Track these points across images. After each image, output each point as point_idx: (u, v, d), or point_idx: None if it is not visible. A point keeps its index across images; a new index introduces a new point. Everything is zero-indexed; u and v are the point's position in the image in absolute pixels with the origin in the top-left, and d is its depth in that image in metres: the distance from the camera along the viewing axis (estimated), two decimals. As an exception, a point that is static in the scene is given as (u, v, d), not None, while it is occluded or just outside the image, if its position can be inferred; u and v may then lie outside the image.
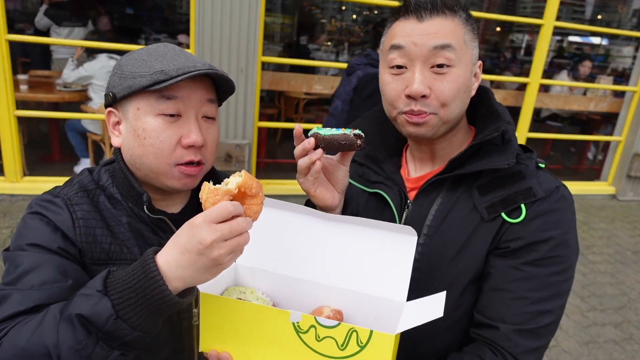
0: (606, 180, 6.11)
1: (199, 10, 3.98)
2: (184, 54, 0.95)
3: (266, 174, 5.13)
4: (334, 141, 0.92)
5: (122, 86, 0.91)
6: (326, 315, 0.92)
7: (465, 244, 0.98)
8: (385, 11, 10.93)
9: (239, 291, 1.00)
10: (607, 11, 12.05)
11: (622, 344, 3.18)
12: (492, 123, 1.00)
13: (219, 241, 0.71)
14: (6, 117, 4.03)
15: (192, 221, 0.73)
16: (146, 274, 0.73)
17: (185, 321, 1.03)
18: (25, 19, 7.73)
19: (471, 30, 0.98)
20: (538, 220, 0.94)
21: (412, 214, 1.06)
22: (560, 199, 0.96)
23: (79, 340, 0.74)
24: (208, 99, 0.96)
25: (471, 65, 0.98)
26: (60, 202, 0.92)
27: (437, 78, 0.94)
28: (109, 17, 6.79)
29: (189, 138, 0.91)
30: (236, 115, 4.35)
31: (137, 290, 0.73)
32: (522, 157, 1.01)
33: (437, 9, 0.94)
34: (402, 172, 1.15)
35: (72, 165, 4.91)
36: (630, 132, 5.80)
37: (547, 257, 0.94)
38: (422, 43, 0.93)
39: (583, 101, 6.35)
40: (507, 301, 0.94)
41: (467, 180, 1.01)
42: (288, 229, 0.99)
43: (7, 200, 4.17)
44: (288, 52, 8.25)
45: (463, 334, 1.03)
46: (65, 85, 4.95)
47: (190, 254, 0.72)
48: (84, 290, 0.77)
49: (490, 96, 1.07)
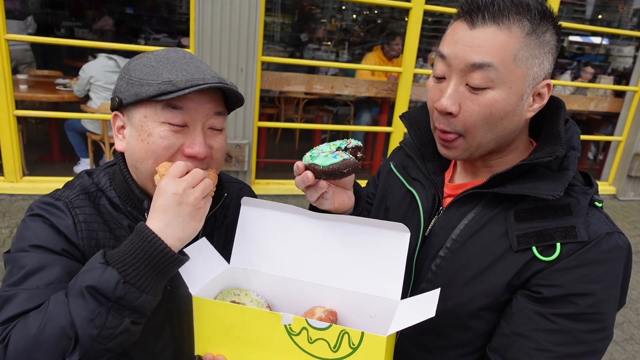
0: (607, 180, 6.10)
1: (198, 10, 3.97)
2: (194, 62, 0.93)
3: (266, 174, 5.12)
4: (335, 172, 0.87)
5: (129, 92, 0.90)
6: (318, 316, 0.92)
7: (487, 269, 0.90)
8: (386, 11, 10.93)
9: (233, 293, 0.99)
10: (608, 11, 12.04)
11: (623, 344, 3.17)
12: (549, 145, 0.89)
13: (189, 188, 0.83)
14: (5, 116, 4.03)
15: (159, 185, 0.83)
16: (144, 238, 0.79)
17: (185, 324, 1.02)
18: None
19: (536, 44, 0.83)
20: (581, 270, 0.83)
21: (440, 223, 0.98)
22: (612, 249, 0.84)
23: (91, 309, 0.76)
24: (216, 112, 0.94)
25: (522, 86, 0.85)
26: (62, 205, 0.92)
27: (469, 97, 0.85)
28: (109, 17, 6.79)
29: (192, 148, 0.90)
30: (236, 115, 4.35)
31: (139, 256, 0.79)
32: (576, 190, 0.89)
33: (492, 15, 0.82)
34: (446, 174, 1.07)
35: (72, 165, 4.90)
36: (631, 132, 5.79)
37: (585, 313, 0.83)
38: (462, 56, 0.84)
39: (583, 101, 6.35)
40: (528, 350, 0.85)
41: (508, 200, 0.91)
42: (281, 229, 0.99)
43: (7, 200, 4.16)
44: (288, 52, 8.24)
45: (470, 357, 0.97)
46: (65, 85, 4.95)
47: (172, 207, 0.81)
48: (86, 267, 0.80)
49: (560, 113, 0.94)
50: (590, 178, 0.95)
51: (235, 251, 1.02)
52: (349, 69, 6.86)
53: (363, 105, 6.00)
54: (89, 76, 4.49)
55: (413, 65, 4.79)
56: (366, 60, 5.95)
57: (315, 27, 10.44)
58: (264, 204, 0.99)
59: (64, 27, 8.59)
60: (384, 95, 5.32)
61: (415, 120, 1.11)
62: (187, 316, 1.02)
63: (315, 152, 0.92)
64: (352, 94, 5.80)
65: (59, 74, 5.85)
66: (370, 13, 11.40)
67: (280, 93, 6.32)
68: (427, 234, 1.01)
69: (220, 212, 1.12)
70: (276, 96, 6.46)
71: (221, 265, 0.99)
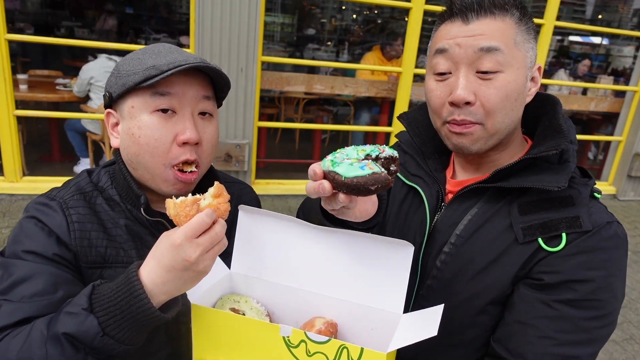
0: (607, 180, 6.10)
1: (199, 10, 3.97)
2: (179, 51, 0.94)
3: (266, 174, 5.12)
4: (359, 187, 0.70)
5: (117, 85, 0.91)
6: (317, 328, 0.90)
7: (493, 262, 0.90)
8: (386, 11, 10.93)
9: (232, 300, 0.98)
10: (608, 11, 12.04)
11: (623, 344, 3.17)
12: (553, 139, 0.91)
13: (203, 253, 0.74)
14: (6, 116, 4.03)
15: (173, 239, 0.73)
16: (131, 292, 0.75)
17: (182, 325, 1.02)
18: (25, 18, 7.73)
19: (525, 30, 0.89)
20: (581, 257, 0.84)
21: (443, 219, 0.99)
22: (612, 237, 0.86)
23: (68, 356, 0.75)
24: (204, 95, 0.94)
25: (524, 69, 0.89)
26: (56, 205, 0.92)
27: (482, 84, 0.87)
28: (110, 18, 6.79)
29: (183, 134, 0.90)
30: (236, 115, 4.35)
31: (122, 308, 0.75)
32: (576, 182, 0.91)
33: (485, 8, 0.87)
34: (447, 172, 1.08)
35: (72, 165, 4.91)
36: (631, 132, 5.79)
37: (585, 300, 0.84)
38: (467, 44, 0.86)
39: (583, 101, 6.35)
40: (530, 337, 0.85)
41: (509, 194, 0.93)
42: (284, 238, 0.97)
43: (7, 200, 4.16)
44: (288, 52, 8.24)
45: (477, 354, 0.96)
46: (65, 85, 4.95)
47: (176, 271, 0.74)
48: (70, 307, 0.77)
49: (557, 109, 0.97)
50: (586, 171, 0.96)
51: (236, 257, 1.01)
52: (348, 69, 6.86)
53: (363, 105, 6.01)
54: (89, 77, 4.49)
55: (413, 65, 4.79)
56: (365, 60, 5.94)
57: (316, 27, 10.44)
58: (267, 213, 0.97)
59: (64, 27, 8.59)
60: (384, 95, 5.32)
61: (414, 120, 1.11)
62: (184, 317, 1.01)
63: (339, 156, 0.76)
64: (352, 94, 5.80)
65: (59, 74, 5.85)
66: (370, 13, 11.39)
67: (280, 93, 6.32)
68: (431, 230, 1.01)
69: None
70: (276, 96, 6.47)
71: (222, 271, 0.98)
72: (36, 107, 5.28)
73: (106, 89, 0.95)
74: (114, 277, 0.92)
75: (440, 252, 0.97)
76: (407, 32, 4.70)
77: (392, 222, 1.10)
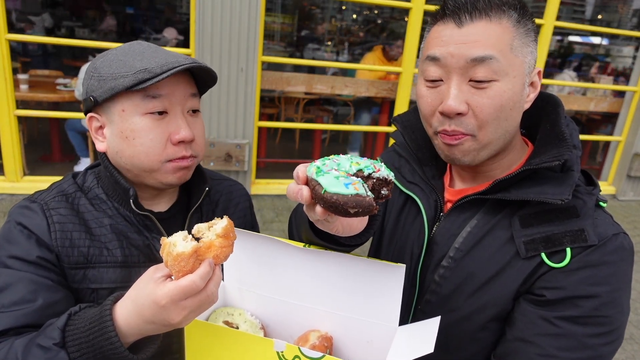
0: (606, 180, 6.10)
1: (199, 10, 3.98)
2: (161, 50, 0.94)
3: (266, 174, 5.12)
4: (337, 206, 0.64)
5: (103, 89, 0.89)
6: (312, 343, 0.90)
7: (494, 277, 0.87)
8: (386, 11, 10.93)
9: (226, 313, 0.98)
10: (608, 11, 12.04)
11: (622, 343, 3.18)
12: (555, 147, 0.85)
13: (187, 315, 0.71)
14: (6, 116, 4.03)
15: (157, 298, 0.69)
16: (102, 332, 0.74)
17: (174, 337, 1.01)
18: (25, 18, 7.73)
19: (524, 32, 0.83)
20: (585, 272, 0.80)
21: (442, 230, 0.94)
22: (617, 250, 0.82)
23: None
24: (191, 93, 0.95)
25: (522, 75, 0.83)
26: (37, 207, 0.92)
27: (476, 93, 0.82)
28: (111, 18, 6.79)
29: (179, 134, 0.91)
30: (236, 115, 4.35)
31: (94, 346, 0.75)
32: (580, 191, 0.86)
33: (479, 10, 0.81)
34: (445, 178, 1.03)
35: (72, 165, 4.91)
36: (631, 132, 5.79)
37: (590, 316, 0.80)
38: (459, 54, 0.81)
39: (583, 101, 6.35)
40: (532, 355, 0.82)
41: (510, 205, 0.88)
42: (276, 258, 0.95)
43: (7, 200, 4.17)
44: (288, 52, 8.24)
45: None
46: (66, 85, 4.96)
47: (156, 325, 0.73)
48: (42, 340, 0.77)
49: (559, 112, 0.90)
50: (591, 177, 0.92)
51: (228, 269, 1.00)
52: (348, 69, 6.87)
53: (363, 105, 6.01)
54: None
55: (413, 65, 4.80)
56: (366, 60, 5.95)
57: (316, 27, 10.44)
58: (254, 234, 0.95)
59: (65, 27, 8.60)
60: (383, 95, 5.32)
61: (409, 124, 1.08)
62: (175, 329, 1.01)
63: (329, 163, 0.69)
64: (352, 94, 5.80)
65: (59, 73, 5.85)
66: (370, 13, 11.39)
67: (281, 93, 6.32)
68: (429, 241, 0.97)
69: (208, 208, 1.11)
70: (276, 96, 6.47)
71: None
72: (37, 107, 5.28)
73: (87, 93, 0.93)
74: (97, 277, 0.93)
75: (439, 265, 0.94)
76: (407, 32, 4.70)
77: (389, 232, 1.08)
